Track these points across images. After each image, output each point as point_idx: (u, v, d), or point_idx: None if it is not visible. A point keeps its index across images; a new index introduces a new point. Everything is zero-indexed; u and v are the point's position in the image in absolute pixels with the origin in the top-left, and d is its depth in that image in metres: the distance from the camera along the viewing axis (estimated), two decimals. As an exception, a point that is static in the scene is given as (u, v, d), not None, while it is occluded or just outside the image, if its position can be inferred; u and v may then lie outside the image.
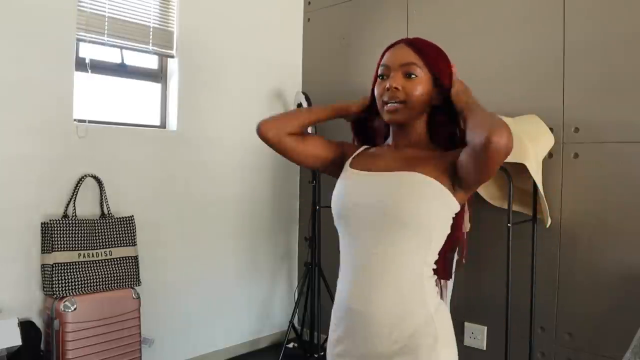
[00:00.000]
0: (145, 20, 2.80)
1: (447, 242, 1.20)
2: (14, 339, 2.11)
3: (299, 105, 3.25)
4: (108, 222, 2.55)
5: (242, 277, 3.30)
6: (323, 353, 3.04)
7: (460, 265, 2.32)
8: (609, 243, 2.30)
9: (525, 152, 2.15)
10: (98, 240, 2.49)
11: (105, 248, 2.51)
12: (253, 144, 3.30)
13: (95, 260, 2.46)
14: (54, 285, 2.30)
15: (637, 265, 2.22)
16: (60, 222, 2.38)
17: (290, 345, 3.23)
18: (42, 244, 2.38)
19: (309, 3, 3.60)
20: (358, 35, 3.27)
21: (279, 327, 3.50)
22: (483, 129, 1.01)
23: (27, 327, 2.25)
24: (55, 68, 2.45)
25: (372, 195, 1.17)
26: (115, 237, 2.56)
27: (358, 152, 1.34)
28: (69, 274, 2.35)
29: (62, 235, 2.37)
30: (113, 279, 2.49)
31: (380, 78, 1.23)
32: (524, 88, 2.55)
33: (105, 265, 2.49)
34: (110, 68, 2.78)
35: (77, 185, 2.50)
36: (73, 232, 2.41)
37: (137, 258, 2.61)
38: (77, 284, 2.36)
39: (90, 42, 2.60)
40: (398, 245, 1.13)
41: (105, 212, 2.59)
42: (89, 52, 2.64)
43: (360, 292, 1.15)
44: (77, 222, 2.43)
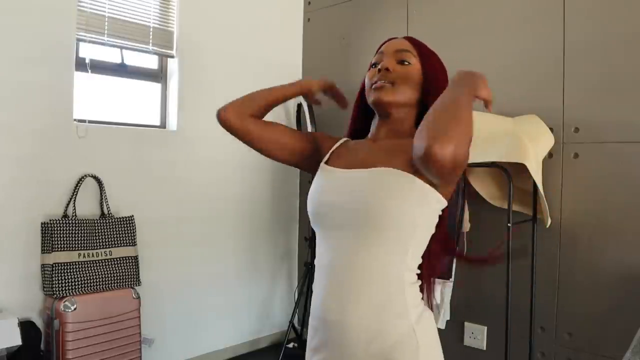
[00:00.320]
0: (145, 20, 2.80)
1: (436, 242, 1.12)
2: (14, 339, 2.11)
3: (299, 106, 3.25)
4: (108, 222, 2.55)
5: (242, 277, 3.30)
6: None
7: (462, 260, 2.30)
8: (609, 243, 2.30)
9: (525, 152, 2.15)
10: (98, 240, 2.49)
11: (105, 248, 2.51)
12: (253, 144, 3.31)
13: (95, 260, 2.46)
14: (54, 285, 2.30)
15: (637, 265, 2.22)
16: (60, 222, 2.38)
17: (290, 345, 3.22)
18: (42, 244, 2.38)
19: (309, 3, 3.60)
20: (358, 36, 3.27)
21: (279, 327, 3.50)
22: (426, 134, 0.91)
23: (27, 327, 2.25)
24: (55, 68, 2.45)
25: (346, 195, 1.08)
26: (115, 237, 2.56)
27: (336, 146, 1.25)
28: (69, 274, 2.35)
29: (62, 235, 2.37)
30: (113, 279, 2.49)
31: (373, 67, 1.19)
32: (524, 88, 2.55)
33: (105, 265, 2.49)
34: (110, 68, 2.78)
35: (77, 185, 2.50)
36: (73, 232, 2.41)
37: (137, 258, 2.61)
38: (77, 284, 2.36)
39: (90, 42, 2.60)
40: (375, 249, 1.04)
41: (105, 212, 2.59)
42: (89, 52, 2.64)
43: (335, 301, 1.06)
44: (77, 222, 2.43)
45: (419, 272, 1.10)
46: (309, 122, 3.10)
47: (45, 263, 2.35)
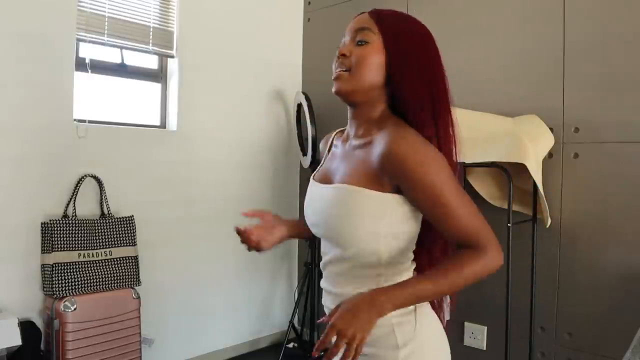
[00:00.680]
0: (145, 20, 2.80)
1: (436, 246, 1.12)
2: (14, 339, 2.11)
3: (299, 106, 3.25)
4: (108, 222, 2.55)
5: (242, 277, 3.30)
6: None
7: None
8: (609, 243, 2.30)
9: (525, 152, 2.15)
10: (98, 240, 2.49)
11: (105, 248, 2.51)
12: (253, 144, 3.31)
13: (95, 260, 2.46)
14: (54, 285, 2.30)
15: (637, 265, 2.22)
16: (60, 222, 2.38)
17: (290, 345, 3.22)
18: (42, 244, 2.38)
19: (309, 3, 3.60)
20: (358, 35, 3.27)
21: (279, 327, 3.50)
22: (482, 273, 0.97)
23: (27, 327, 2.25)
24: (55, 68, 2.45)
25: (316, 211, 1.10)
26: (115, 237, 2.56)
27: (327, 149, 1.23)
28: (69, 274, 2.35)
29: (62, 235, 2.37)
30: (113, 279, 2.49)
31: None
32: (524, 88, 2.55)
33: (105, 265, 2.49)
34: (110, 68, 2.78)
35: (77, 185, 2.50)
36: (73, 232, 2.40)
37: (137, 258, 2.61)
38: (77, 284, 2.36)
39: (90, 42, 2.60)
40: (348, 260, 1.05)
41: (105, 212, 2.59)
42: (89, 52, 2.64)
43: (327, 297, 1.14)
44: (77, 222, 2.43)
45: (411, 274, 1.09)
46: (309, 122, 3.10)
47: (45, 263, 2.35)
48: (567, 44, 2.43)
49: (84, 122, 2.57)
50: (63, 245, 2.36)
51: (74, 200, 2.48)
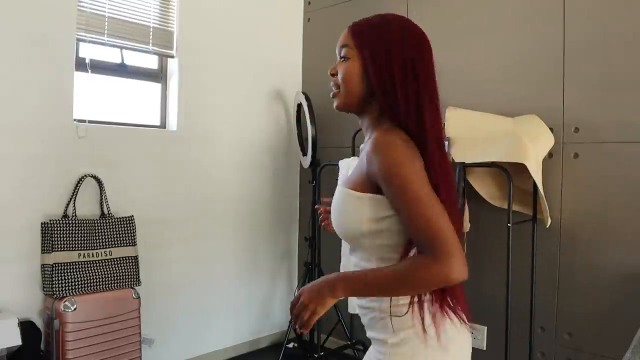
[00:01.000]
0: (145, 20, 2.80)
1: None
2: (14, 339, 2.11)
3: (299, 106, 3.25)
4: (108, 222, 2.55)
5: (242, 277, 3.30)
6: (323, 353, 3.04)
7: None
8: (609, 243, 2.30)
9: (525, 152, 2.15)
10: (98, 240, 2.49)
11: (105, 248, 2.51)
12: (253, 144, 3.31)
13: (95, 260, 2.46)
14: (54, 285, 2.30)
15: (637, 265, 2.22)
16: (60, 222, 2.38)
17: (290, 345, 3.22)
18: (42, 244, 2.38)
19: (309, 3, 3.60)
20: (358, 35, 3.27)
21: (279, 327, 3.50)
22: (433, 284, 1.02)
23: (27, 327, 2.25)
24: (55, 68, 2.45)
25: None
26: (115, 237, 2.56)
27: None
28: (69, 274, 2.35)
29: (62, 235, 2.37)
30: (113, 279, 2.49)
31: None
32: (524, 88, 2.55)
33: (105, 265, 2.49)
34: (110, 68, 2.78)
35: (77, 185, 2.50)
36: (73, 232, 2.41)
37: (137, 258, 2.61)
38: (77, 284, 2.36)
39: (90, 42, 2.60)
40: (353, 255, 1.16)
41: (105, 212, 2.59)
42: (89, 52, 2.64)
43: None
44: (77, 222, 2.43)
45: None
46: (309, 122, 3.10)
47: (45, 263, 2.35)
48: (567, 44, 2.43)
49: (84, 122, 2.57)
50: (63, 245, 2.36)
51: (74, 200, 2.48)
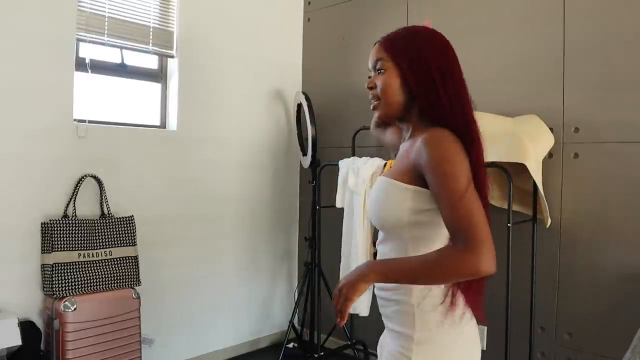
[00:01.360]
0: (145, 20, 2.80)
1: None
2: (14, 339, 2.11)
3: (299, 106, 3.25)
4: (108, 222, 2.55)
5: (242, 277, 3.30)
6: (323, 353, 3.04)
7: None
8: (609, 243, 2.30)
9: (525, 152, 2.15)
10: (98, 240, 2.49)
11: (105, 248, 2.51)
12: (253, 144, 3.31)
13: (95, 260, 2.46)
14: (54, 285, 2.30)
15: (637, 265, 2.22)
16: (60, 222, 2.38)
17: (290, 345, 3.23)
18: (42, 244, 2.38)
19: (309, 3, 3.60)
20: (358, 35, 3.27)
21: (279, 327, 3.50)
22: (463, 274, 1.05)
23: (27, 327, 2.25)
24: (55, 68, 2.45)
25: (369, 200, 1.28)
26: (115, 237, 2.56)
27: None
28: (69, 274, 2.35)
29: (62, 235, 2.37)
30: (113, 279, 2.49)
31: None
32: (524, 88, 2.55)
33: (105, 265, 2.49)
34: (110, 68, 2.78)
35: (77, 185, 2.50)
36: (73, 232, 2.41)
37: (137, 258, 2.61)
38: (77, 284, 2.36)
39: (90, 42, 2.60)
40: (386, 244, 1.22)
41: (105, 212, 2.59)
42: (89, 52, 2.64)
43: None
44: (77, 222, 2.43)
45: None
46: (309, 122, 3.10)
47: (45, 263, 2.35)
48: (567, 44, 2.43)
49: (84, 122, 2.57)
50: (63, 245, 2.36)
51: (74, 200, 2.48)
